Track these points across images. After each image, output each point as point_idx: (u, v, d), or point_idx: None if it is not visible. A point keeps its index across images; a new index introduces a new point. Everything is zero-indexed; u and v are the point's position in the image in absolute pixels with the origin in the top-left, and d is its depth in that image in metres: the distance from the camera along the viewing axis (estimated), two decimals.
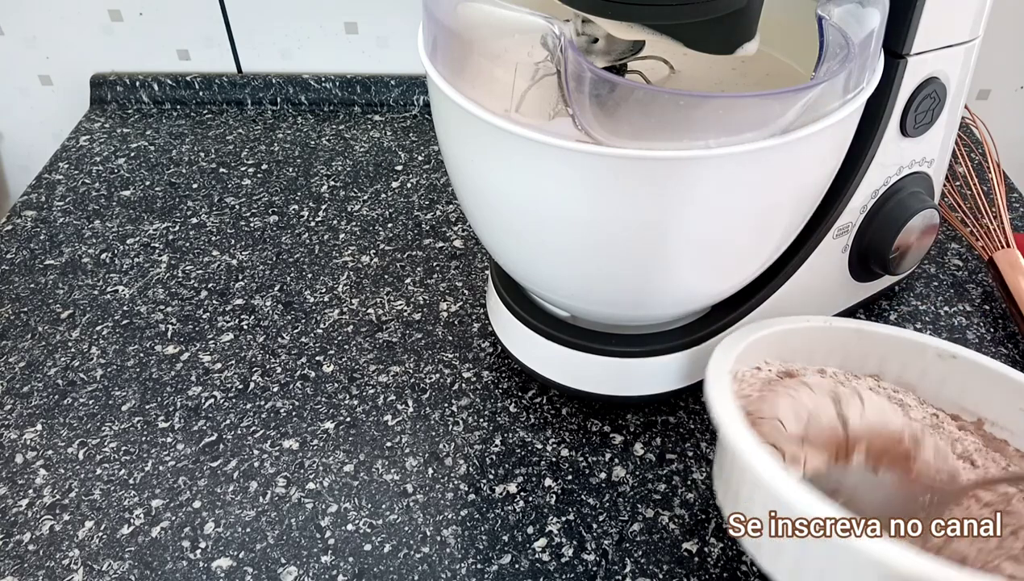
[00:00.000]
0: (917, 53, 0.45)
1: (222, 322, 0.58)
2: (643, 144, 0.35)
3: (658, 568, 0.43)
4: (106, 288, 0.61)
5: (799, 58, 0.48)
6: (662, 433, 0.50)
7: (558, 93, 0.36)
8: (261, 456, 0.49)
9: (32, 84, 0.84)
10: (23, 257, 0.64)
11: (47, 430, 0.50)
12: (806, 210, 0.44)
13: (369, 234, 0.65)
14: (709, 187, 0.38)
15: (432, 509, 0.46)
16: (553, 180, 0.38)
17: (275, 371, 0.54)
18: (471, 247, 0.64)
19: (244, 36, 0.80)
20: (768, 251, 0.44)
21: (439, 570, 0.43)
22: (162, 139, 0.77)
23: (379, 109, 0.81)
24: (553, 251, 0.42)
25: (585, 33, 0.42)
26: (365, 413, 0.51)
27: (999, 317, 0.58)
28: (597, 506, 0.46)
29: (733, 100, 0.37)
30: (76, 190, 0.71)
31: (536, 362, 0.50)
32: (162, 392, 0.53)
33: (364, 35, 0.80)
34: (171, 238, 0.65)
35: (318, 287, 0.60)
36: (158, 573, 0.43)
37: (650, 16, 0.37)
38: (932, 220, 0.51)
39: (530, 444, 0.49)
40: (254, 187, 0.71)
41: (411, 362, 0.54)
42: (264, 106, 0.82)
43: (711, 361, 0.42)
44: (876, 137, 0.47)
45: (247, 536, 0.45)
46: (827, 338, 0.46)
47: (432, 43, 0.40)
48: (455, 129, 0.41)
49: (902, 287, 0.60)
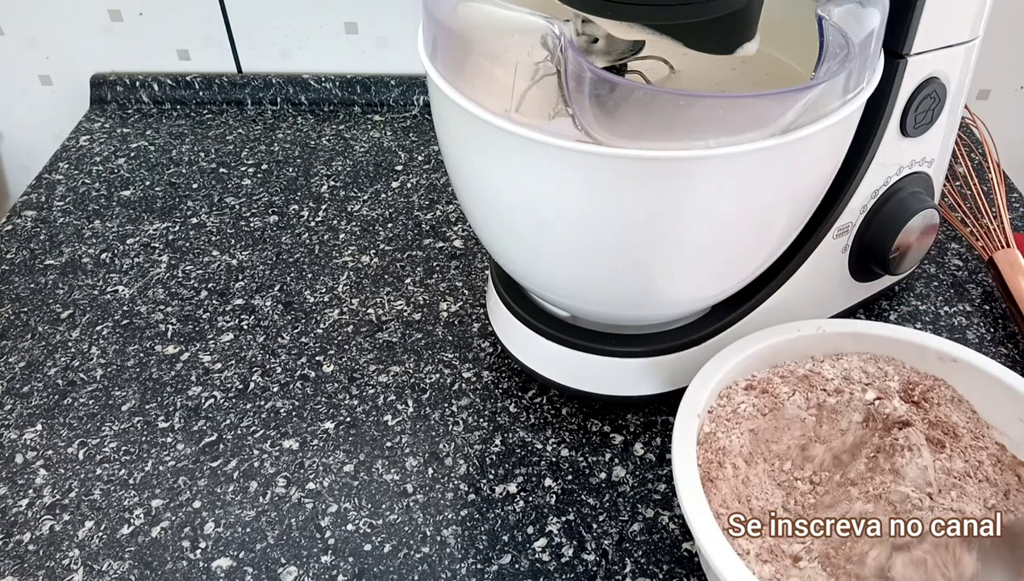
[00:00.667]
0: (917, 53, 0.45)
1: (222, 322, 0.58)
2: (643, 144, 0.35)
3: (658, 568, 0.43)
4: (106, 288, 0.61)
5: (799, 58, 0.48)
6: (662, 433, 0.50)
7: (558, 93, 0.36)
8: (261, 456, 0.49)
9: (32, 84, 0.84)
10: (23, 257, 0.64)
11: (47, 430, 0.50)
12: (806, 210, 0.44)
13: (369, 234, 0.65)
14: (709, 187, 0.38)
15: (432, 509, 0.46)
16: (553, 180, 0.38)
17: (275, 371, 0.54)
18: (471, 247, 0.64)
19: (244, 36, 0.80)
20: (768, 251, 0.44)
21: (439, 570, 0.43)
22: (162, 139, 0.77)
23: (379, 109, 0.81)
24: (553, 251, 0.42)
25: (585, 33, 0.42)
26: (365, 413, 0.51)
27: (999, 317, 0.58)
28: (597, 506, 0.46)
29: (733, 100, 0.37)
30: (76, 190, 0.71)
31: (536, 362, 0.50)
32: (162, 392, 0.53)
33: (364, 35, 0.80)
34: (171, 238, 0.65)
35: (318, 287, 0.60)
36: (158, 573, 0.43)
37: (650, 16, 0.37)
38: (932, 220, 0.51)
39: (530, 444, 0.49)
40: (254, 187, 0.71)
41: (411, 362, 0.54)
42: (264, 106, 0.82)
43: (683, 401, 0.41)
44: (876, 137, 0.47)
45: (247, 536, 0.45)
46: (820, 344, 0.46)
47: (432, 43, 0.40)
48: (455, 129, 0.41)
49: (902, 287, 0.60)
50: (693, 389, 0.42)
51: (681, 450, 0.39)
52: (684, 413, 0.41)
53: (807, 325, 0.46)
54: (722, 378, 0.43)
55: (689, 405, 0.41)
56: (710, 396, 0.42)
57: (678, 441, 0.40)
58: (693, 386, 0.42)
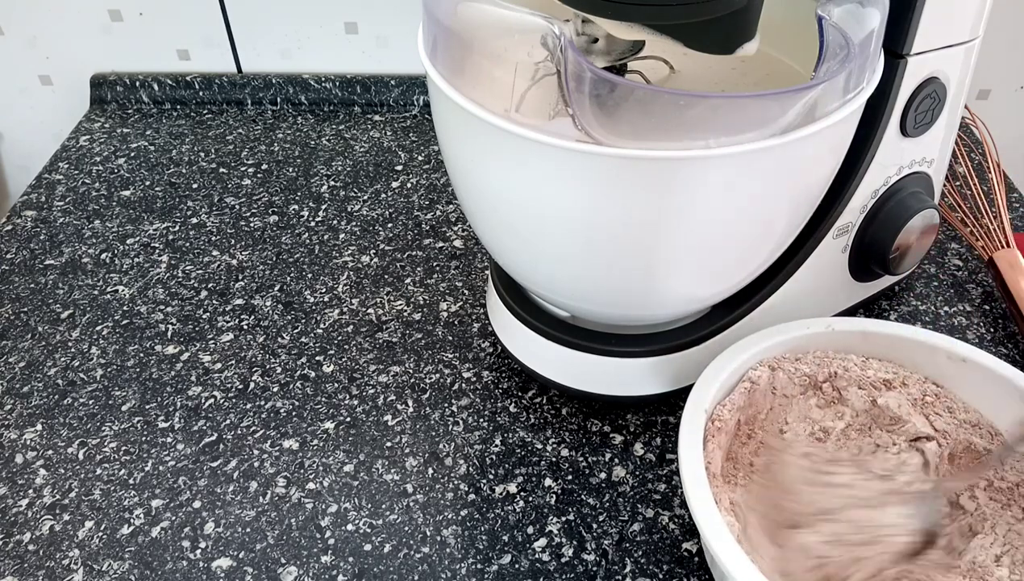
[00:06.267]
0: (917, 53, 0.45)
1: (222, 322, 0.58)
2: (643, 144, 0.35)
3: (658, 568, 0.43)
4: (106, 288, 0.61)
5: (799, 58, 0.48)
6: (662, 433, 0.50)
7: (558, 93, 0.36)
8: (261, 456, 0.49)
9: (32, 84, 0.84)
10: (23, 257, 0.64)
11: (47, 430, 0.50)
12: (806, 210, 0.44)
13: (369, 234, 0.65)
14: (709, 187, 0.38)
15: (432, 509, 0.46)
16: (553, 180, 0.38)
17: (275, 371, 0.54)
18: (471, 247, 0.64)
19: (244, 36, 0.80)
20: (768, 251, 0.44)
21: (439, 570, 0.43)
22: (162, 139, 0.77)
23: (379, 109, 0.81)
24: (553, 251, 0.42)
25: (585, 33, 0.42)
26: (365, 413, 0.51)
27: (999, 317, 0.58)
28: (597, 506, 0.46)
29: (733, 100, 0.37)
30: (76, 190, 0.71)
31: (536, 362, 0.50)
32: (162, 392, 0.53)
33: (364, 35, 0.80)
34: (171, 238, 0.65)
35: (318, 287, 0.60)
36: (158, 573, 0.43)
37: (650, 16, 0.37)
38: (932, 220, 0.51)
39: (530, 444, 0.49)
40: (254, 187, 0.71)
41: (411, 362, 0.54)
42: (264, 106, 0.82)
43: (689, 401, 0.41)
44: (876, 137, 0.47)
45: (247, 536, 0.45)
46: (830, 343, 0.46)
47: (432, 43, 0.40)
48: (455, 129, 0.41)
49: (902, 287, 0.60)
50: (701, 384, 0.42)
51: (687, 446, 0.39)
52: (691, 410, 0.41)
53: (817, 323, 0.46)
54: (730, 375, 0.43)
55: (696, 402, 0.41)
56: (716, 393, 0.42)
57: (685, 437, 0.40)
58: (701, 381, 0.42)
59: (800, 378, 0.44)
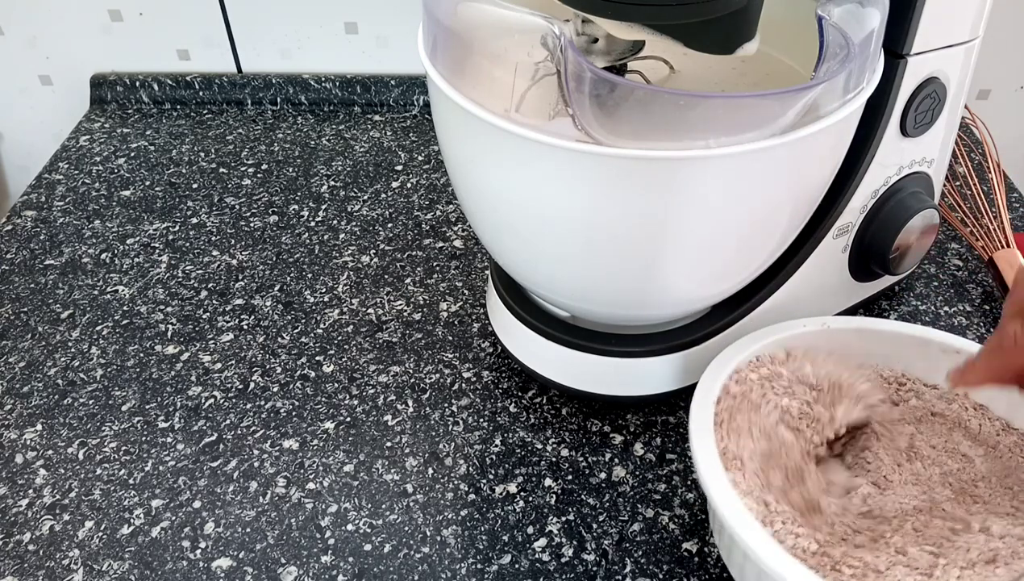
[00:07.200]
0: (917, 53, 0.45)
1: (222, 322, 0.58)
2: (643, 144, 0.36)
3: (658, 568, 0.43)
4: (106, 288, 0.61)
5: (799, 58, 0.48)
6: (662, 433, 0.50)
7: (558, 93, 0.36)
8: (261, 456, 0.49)
9: (32, 84, 0.84)
10: (23, 257, 0.64)
11: (47, 430, 0.50)
12: (806, 210, 0.44)
13: (369, 234, 0.65)
14: (709, 187, 0.38)
15: (432, 509, 0.46)
16: (553, 180, 0.38)
17: (275, 371, 0.54)
18: (471, 247, 0.64)
19: (244, 36, 0.80)
20: (768, 251, 0.44)
21: (439, 570, 0.43)
22: (162, 139, 0.77)
23: (379, 109, 0.81)
24: (553, 251, 0.42)
25: (585, 33, 0.42)
26: (365, 413, 0.51)
27: (999, 317, 0.58)
28: (597, 506, 0.46)
29: (733, 100, 0.37)
30: (76, 190, 0.71)
31: (536, 362, 0.50)
32: (162, 392, 0.53)
33: (364, 35, 0.80)
34: (171, 238, 0.65)
35: (318, 287, 0.60)
36: (158, 573, 0.43)
37: (650, 16, 0.37)
38: (932, 220, 0.51)
39: (530, 444, 0.49)
40: (254, 187, 0.71)
41: (411, 362, 0.54)
42: (264, 106, 0.82)
43: (696, 395, 0.42)
44: (876, 137, 0.47)
45: (247, 536, 0.45)
46: (826, 340, 0.46)
47: (432, 43, 0.40)
48: (455, 129, 0.41)
49: (902, 287, 0.60)
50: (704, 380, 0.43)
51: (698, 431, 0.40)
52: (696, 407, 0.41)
53: (813, 321, 0.46)
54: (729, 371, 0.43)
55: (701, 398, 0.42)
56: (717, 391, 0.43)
57: (695, 426, 0.40)
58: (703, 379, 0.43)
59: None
